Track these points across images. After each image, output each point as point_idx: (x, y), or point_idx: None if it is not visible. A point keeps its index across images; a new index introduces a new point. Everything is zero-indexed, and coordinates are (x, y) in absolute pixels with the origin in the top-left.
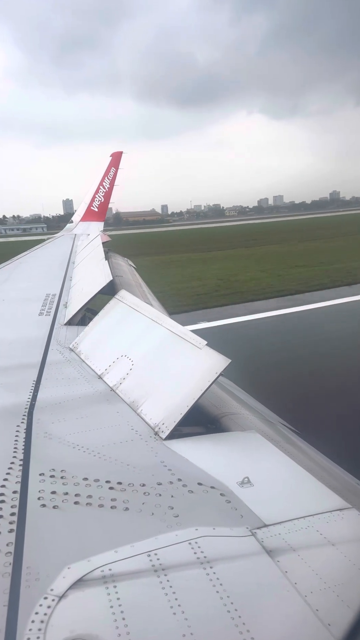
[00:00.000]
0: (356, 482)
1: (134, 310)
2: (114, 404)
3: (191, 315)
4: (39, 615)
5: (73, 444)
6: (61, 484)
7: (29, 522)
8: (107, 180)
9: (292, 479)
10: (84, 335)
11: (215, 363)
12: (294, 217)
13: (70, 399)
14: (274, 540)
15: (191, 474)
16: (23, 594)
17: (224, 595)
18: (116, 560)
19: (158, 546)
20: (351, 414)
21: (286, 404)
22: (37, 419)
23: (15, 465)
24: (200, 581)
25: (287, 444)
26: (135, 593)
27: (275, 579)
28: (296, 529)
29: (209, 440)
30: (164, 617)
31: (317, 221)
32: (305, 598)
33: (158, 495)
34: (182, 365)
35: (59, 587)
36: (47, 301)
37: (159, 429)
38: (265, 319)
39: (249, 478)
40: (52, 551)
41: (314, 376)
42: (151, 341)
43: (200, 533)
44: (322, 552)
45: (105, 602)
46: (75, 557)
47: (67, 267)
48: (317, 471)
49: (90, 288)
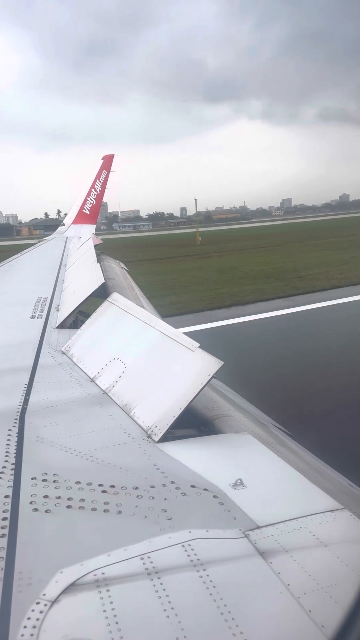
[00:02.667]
0: (348, 484)
1: (126, 312)
2: (107, 407)
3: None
4: (31, 620)
5: (65, 448)
6: (53, 487)
7: (21, 527)
8: (99, 183)
9: (285, 480)
10: (76, 338)
11: (208, 365)
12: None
13: (63, 403)
14: (267, 541)
15: (184, 476)
16: (15, 598)
17: (218, 598)
18: (109, 564)
19: (151, 549)
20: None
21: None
22: (29, 422)
23: (7, 470)
24: (193, 584)
25: (280, 445)
26: (129, 597)
27: (268, 581)
28: (289, 530)
29: (202, 443)
30: (158, 620)
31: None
32: (298, 599)
33: (151, 498)
34: (175, 367)
35: (51, 592)
36: (38, 304)
37: (151, 431)
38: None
39: (242, 480)
40: (44, 555)
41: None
42: (143, 344)
43: (194, 535)
44: (314, 553)
45: (98, 606)
46: (68, 561)
47: (59, 270)
48: (309, 472)
49: (82, 291)
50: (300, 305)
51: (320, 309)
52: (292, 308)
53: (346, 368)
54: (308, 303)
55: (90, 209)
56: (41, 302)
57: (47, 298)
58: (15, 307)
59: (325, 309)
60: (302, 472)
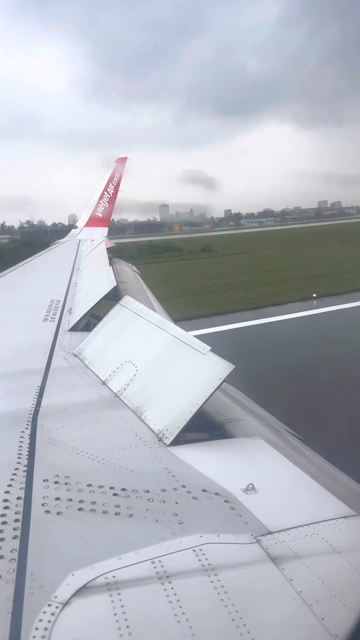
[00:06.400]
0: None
1: (138, 316)
2: (118, 410)
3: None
4: (43, 622)
5: (77, 450)
6: (65, 490)
7: (33, 529)
8: (112, 186)
9: (297, 486)
10: (88, 341)
11: (219, 369)
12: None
13: (75, 405)
14: (278, 547)
15: (195, 480)
16: (27, 600)
17: (229, 603)
18: (120, 567)
19: (162, 553)
20: None
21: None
22: (42, 424)
23: (20, 472)
24: (204, 589)
25: (292, 450)
26: (139, 600)
27: (280, 587)
28: (301, 536)
29: (213, 447)
30: (168, 625)
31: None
32: (310, 606)
33: (162, 502)
34: (186, 371)
35: (62, 594)
36: (51, 307)
37: (163, 435)
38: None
39: (253, 485)
40: (56, 558)
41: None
42: (155, 347)
43: (205, 540)
44: (327, 559)
45: (109, 609)
46: (79, 563)
47: (72, 273)
48: (322, 478)
49: (94, 294)
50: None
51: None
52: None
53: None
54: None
55: (102, 212)
56: (54, 305)
57: (60, 301)
58: (28, 310)
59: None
60: (315, 478)
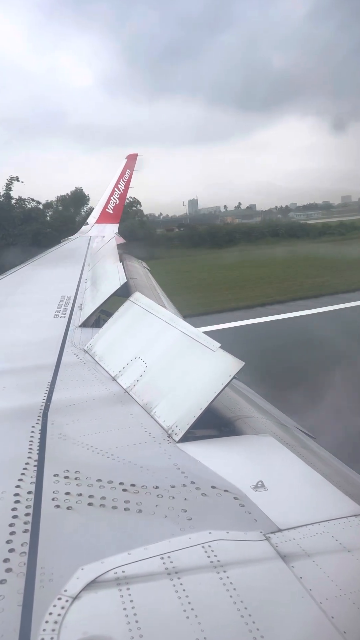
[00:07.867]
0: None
1: (148, 312)
2: (128, 405)
3: None
4: (53, 615)
5: (87, 445)
6: (75, 485)
7: (43, 523)
8: (122, 183)
9: (307, 483)
10: (99, 337)
11: (229, 365)
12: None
13: (85, 401)
14: (288, 545)
15: (205, 477)
16: (37, 594)
17: (238, 600)
18: (129, 563)
19: (171, 549)
20: None
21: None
22: (52, 420)
23: (30, 466)
24: (214, 585)
25: (302, 448)
26: (149, 596)
27: (289, 585)
28: (311, 534)
29: (222, 443)
30: (177, 620)
31: None
32: (320, 605)
33: (171, 498)
34: (196, 367)
35: (72, 588)
36: (62, 303)
37: (172, 431)
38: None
39: (263, 482)
40: (65, 552)
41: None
42: (165, 343)
43: (214, 537)
44: (337, 558)
45: (118, 604)
46: (89, 558)
47: (82, 269)
48: (332, 476)
49: (104, 290)
50: None
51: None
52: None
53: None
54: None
55: (113, 209)
56: (65, 301)
57: (71, 297)
58: (40, 306)
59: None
60: (325, 476)
